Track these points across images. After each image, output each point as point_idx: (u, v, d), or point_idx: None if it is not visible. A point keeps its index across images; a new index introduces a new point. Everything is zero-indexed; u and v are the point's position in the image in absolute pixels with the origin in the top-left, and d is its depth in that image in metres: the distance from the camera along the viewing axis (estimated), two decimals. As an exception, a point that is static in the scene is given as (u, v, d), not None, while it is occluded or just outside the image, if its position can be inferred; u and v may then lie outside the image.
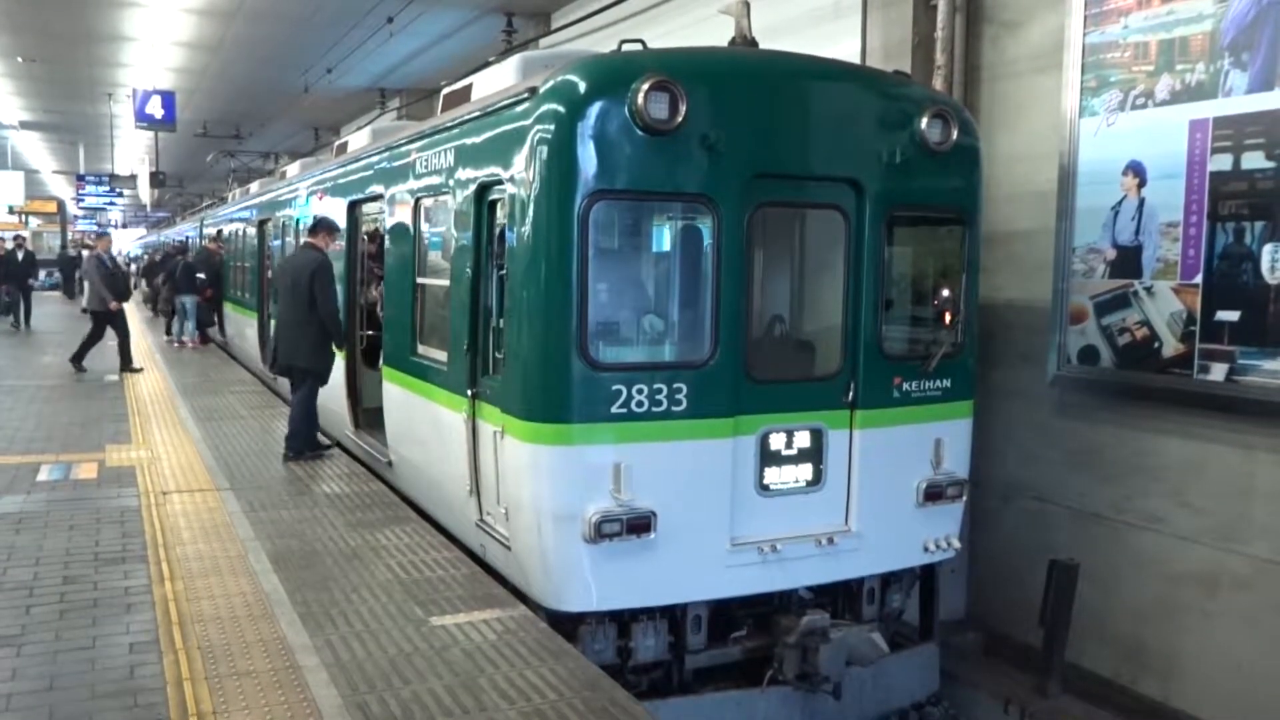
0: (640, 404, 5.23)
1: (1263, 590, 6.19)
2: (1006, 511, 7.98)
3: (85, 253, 34.10)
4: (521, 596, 5.58)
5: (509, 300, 5.59)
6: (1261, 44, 6.00)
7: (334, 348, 8.86)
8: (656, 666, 5.68)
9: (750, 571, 5.57)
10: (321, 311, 8.54)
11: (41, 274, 35.55)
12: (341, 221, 9.52)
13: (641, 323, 5.93)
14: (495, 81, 6.69)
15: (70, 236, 45.14)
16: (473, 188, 6.16)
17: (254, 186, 18.97)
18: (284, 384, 12.72)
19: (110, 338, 14.63)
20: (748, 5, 6.05)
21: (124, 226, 68.34)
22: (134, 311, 26.73)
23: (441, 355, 6.73)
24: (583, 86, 5.18)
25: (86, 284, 14.85)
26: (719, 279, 5.40)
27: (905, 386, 6.00)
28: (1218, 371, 6.25)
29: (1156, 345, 6.64)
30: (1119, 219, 6.90)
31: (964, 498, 6.30)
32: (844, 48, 8.90)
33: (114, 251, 19.25)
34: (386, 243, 8.22)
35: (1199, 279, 6.36)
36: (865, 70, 7.38)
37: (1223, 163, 6.21)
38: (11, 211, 38.92)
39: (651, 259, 6.33)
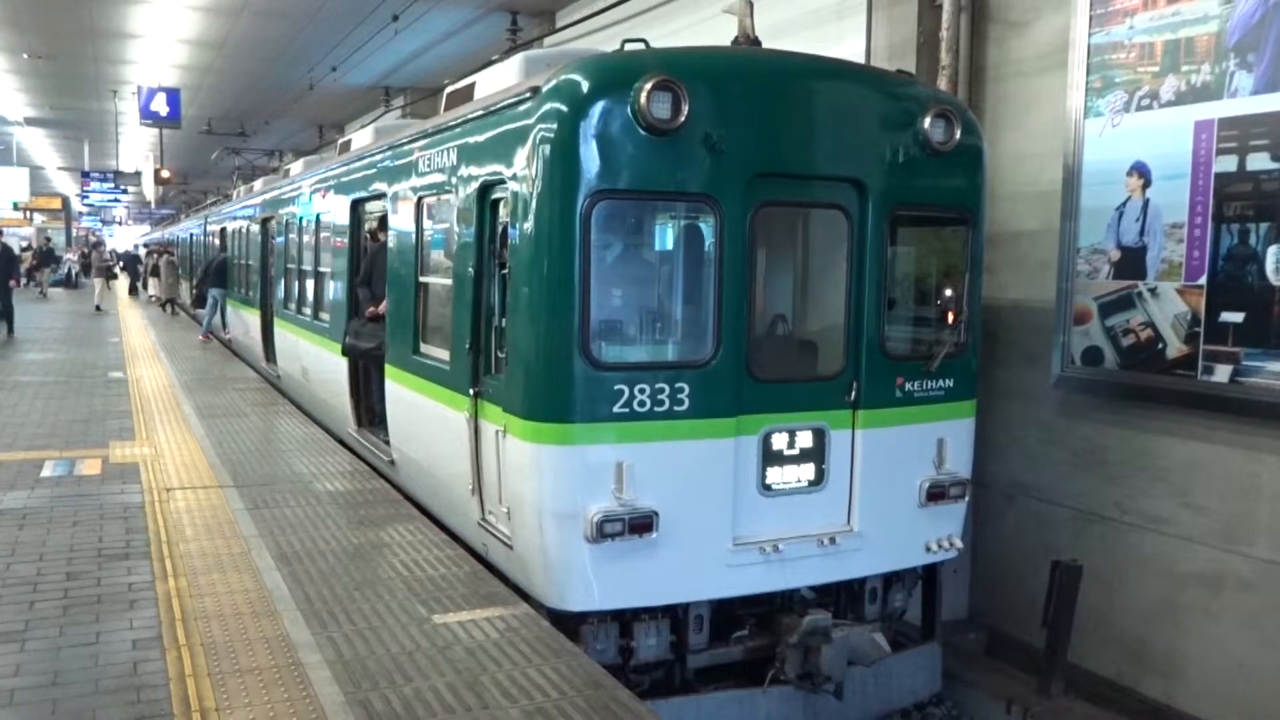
0: (642, 403, 5.23)
1: (1266, 591, 6.19)
2: (1009, 511, 7.98)
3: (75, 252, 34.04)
4: (524, 595, 5.59)
5: (511, 299, 5.59)
6: (1267, 45, 5.99)
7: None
8: (658, 666, 5.67)
9: (752, 571, 5.57)
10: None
11: (47, 271, 35.61)
12: (344, 220, 9.52)
13: (643, 322, 5.92)
14: (498, 80, 6.69)
15: (75, 233, 45.23)
16: (475, 186, 6.16)
17: (258, 184, 18.99)
18: (285, 383, 12.83)
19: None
20: (751, 5, 6.05)
21: (128, 223, 68.52)
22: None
23: (444, 354, 6.73)
24: (585, 86, 5.18)
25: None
26: (721, 278, 5.39)
27: (908, 386, 5.99)
28: (1222, 373, 6.24)
29: (1161, 346, 6.62)
30: (1123, 220, 6.88)
31: (966, 498, 6.29)
32: (848, 47, 8.91)
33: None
34: (389, 241, 8.23)
35: (1204, 280, 6.35)
36: (868, 70, 7.38)
37: (1228, 164, 6.20)
38: (16, 208, 39.03)
39: (654, 258, 6.32)
